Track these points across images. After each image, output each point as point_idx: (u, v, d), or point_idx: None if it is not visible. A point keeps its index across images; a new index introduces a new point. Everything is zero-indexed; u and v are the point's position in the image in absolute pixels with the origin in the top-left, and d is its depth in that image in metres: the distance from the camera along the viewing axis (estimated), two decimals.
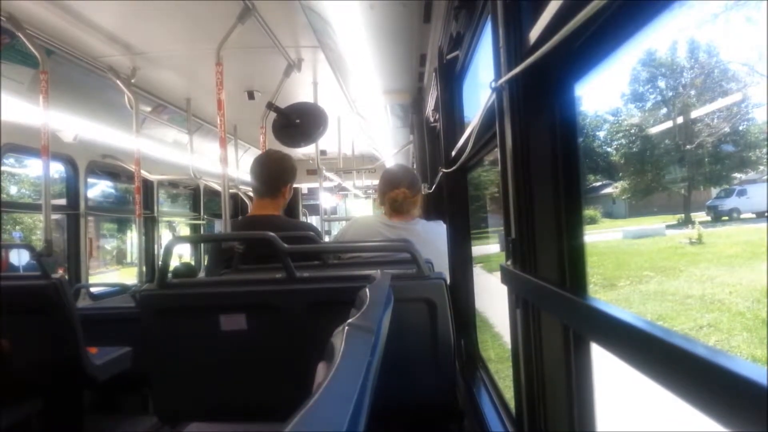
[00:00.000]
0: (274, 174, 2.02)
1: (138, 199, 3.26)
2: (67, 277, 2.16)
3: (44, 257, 2.10)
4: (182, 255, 5.81)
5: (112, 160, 3.55)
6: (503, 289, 0.90)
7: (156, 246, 4.38)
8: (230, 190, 2.66)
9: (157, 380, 1.43)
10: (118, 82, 2.88)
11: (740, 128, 3.08)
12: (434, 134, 2.85)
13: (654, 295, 3.78)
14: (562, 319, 0.70)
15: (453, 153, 1.75)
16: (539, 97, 0.77)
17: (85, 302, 3.17)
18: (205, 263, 3.26)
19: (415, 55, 2.63)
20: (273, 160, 2.07)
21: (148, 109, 3.53)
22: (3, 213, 2.83)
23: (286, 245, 1.35)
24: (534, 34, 0.74)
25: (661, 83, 3.53)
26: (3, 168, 2.80)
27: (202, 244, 5.06)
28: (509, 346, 0.91)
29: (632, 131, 3.90)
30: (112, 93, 3.00)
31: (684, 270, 3.80)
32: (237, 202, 5.44)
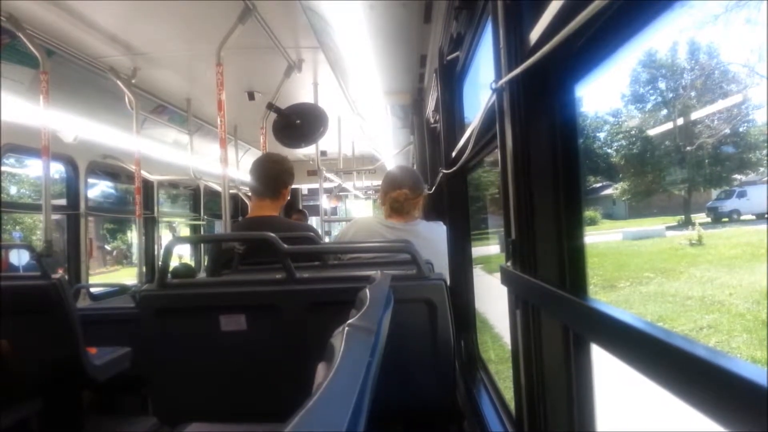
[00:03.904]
0: (274, 176, 2.06)
1: (138, 200, 3.27)
2: (66, 277, 2.16)
3: (44, 257, 2.10)
4: (182, 255, 5.80)
5: (112, 161, 3.55)
6: (503, 290, 0.89)
7: (156, 246, 4.38)
8: (230, 191, 2.66)
9: (156, 380, 1.43)
10: (119, 82, 2.88)
11: (740, 130, 3.07)
12: (434, 135, 2.85)
13: (654, 296, 3.77)
14: (562, 319, 0.70)
15: (453, 154, 1.75)
16: (539, 98, 0.77)
17: (85, 302, 3.16)
18: (206, 264, 3.26)
19: (415, 56, 2.64)
20: (273, 162, 2.12)
21: (149, 109, 3.53)
22: (3, 213, 2.83)
23: (285, 246, 1.35)
24: (534, 35, 0.74)
25: (662, 84, 3.53)
26: (3, 168, 2.79)
27: (202, 245, 5.06)
28: (509, 347, 0.91)
29: (632, 132, 3.90)
30: (112, 93, 3.00)
31: (684, 271, 3.79)
32: (237, 202, 5.44)
